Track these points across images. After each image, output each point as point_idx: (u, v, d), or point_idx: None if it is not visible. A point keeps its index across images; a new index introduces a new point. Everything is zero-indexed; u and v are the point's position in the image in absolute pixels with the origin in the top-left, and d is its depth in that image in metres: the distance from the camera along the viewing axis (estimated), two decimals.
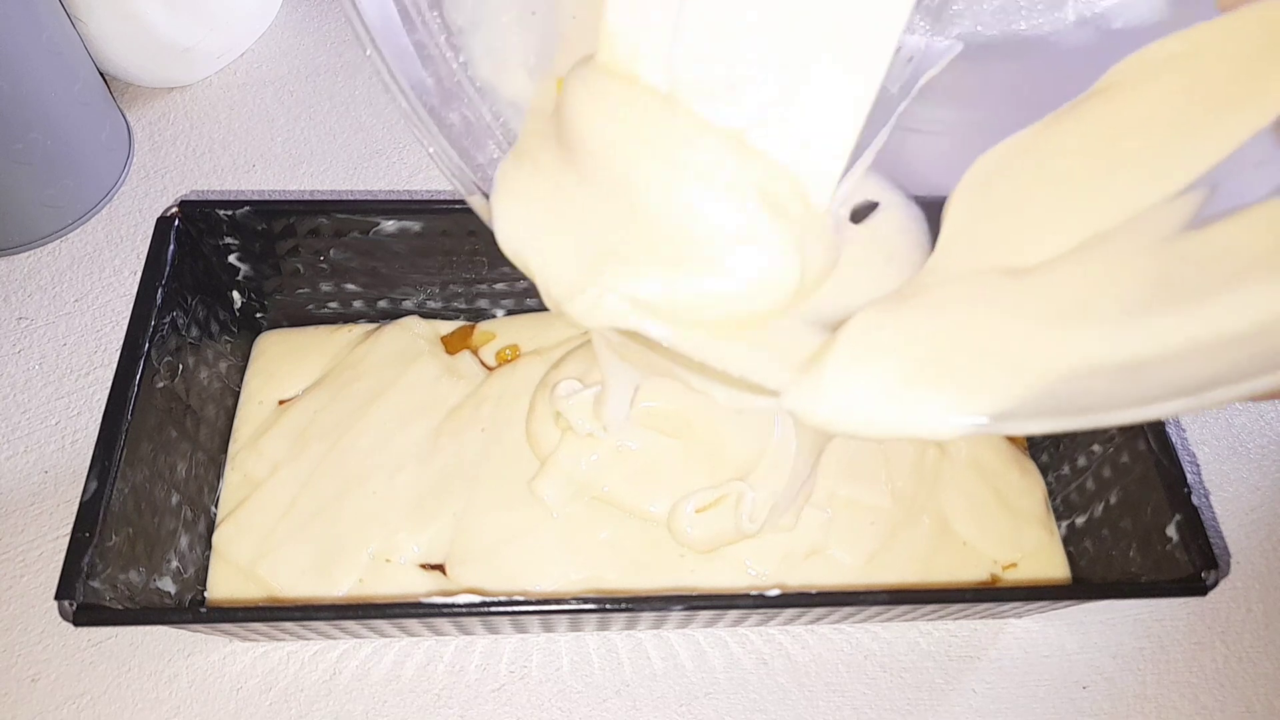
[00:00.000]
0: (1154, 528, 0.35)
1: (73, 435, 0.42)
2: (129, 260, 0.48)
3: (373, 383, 0.41)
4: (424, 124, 0.24)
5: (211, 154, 0.53)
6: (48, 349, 0.45)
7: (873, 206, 0.26)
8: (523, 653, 0.38)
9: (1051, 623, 0.40)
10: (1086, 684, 0.38)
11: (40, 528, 0.40)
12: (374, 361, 0.42)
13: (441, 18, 0.25)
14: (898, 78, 0.26)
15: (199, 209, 0.38)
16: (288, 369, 0.43)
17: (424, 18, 0.25)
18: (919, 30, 0.27)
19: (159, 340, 0.35)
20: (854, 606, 0.34)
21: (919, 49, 0.26)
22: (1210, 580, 0.32)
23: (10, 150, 0.44)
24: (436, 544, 0.38)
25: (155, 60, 0.53)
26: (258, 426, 0.41)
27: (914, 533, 0.39)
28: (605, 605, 0.31)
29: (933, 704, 0.38)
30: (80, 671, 0.37)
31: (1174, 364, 0.17)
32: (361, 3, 0.23)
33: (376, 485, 0.39)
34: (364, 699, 0.37)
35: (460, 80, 0.25)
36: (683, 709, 0.37)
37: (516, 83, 0.26)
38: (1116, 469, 0.37)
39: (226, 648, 0.37)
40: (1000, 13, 0.26)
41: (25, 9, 0.42)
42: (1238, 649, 0.40)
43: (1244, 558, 0.42)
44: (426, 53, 0.25)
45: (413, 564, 0.38)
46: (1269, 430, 0.46)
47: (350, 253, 0.41)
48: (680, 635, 0.39)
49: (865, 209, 0.26)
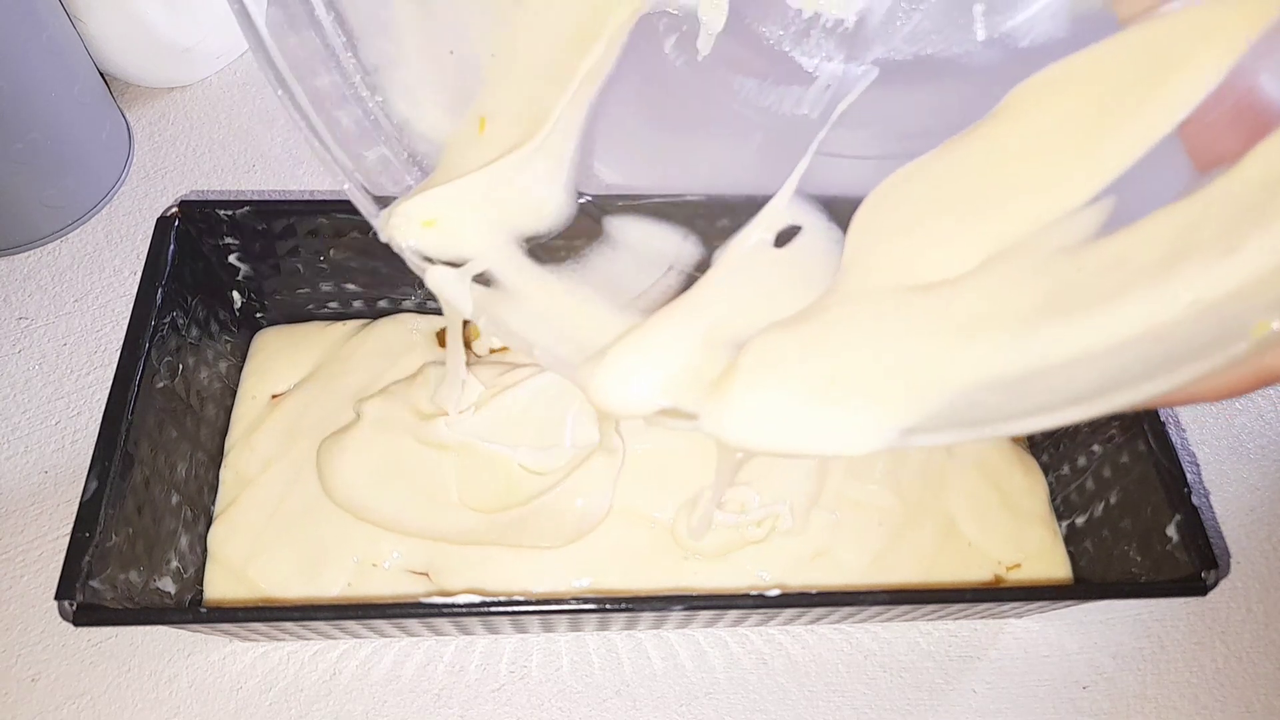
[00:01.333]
0: (1154, 528, 0.35)
1: (73, 435, 0.42)
2: (129, 260, 0.48)
3: (362, 376, 0.41)
4: (337, 163, 0.25)
5: (211, 154, 0.53)
6: (48, 349, 0.45)
7: (795, 230, 0.26)
8: (523, 653, 0.38)
9: (1051, 623, 0.40)
10: (1086, 684, 0.38)
11: (40, 528, 0.40)
12: (365, 355, 0.42)
13: (357, 58, 0.25)
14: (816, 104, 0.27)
15: (199, 209, 0.38)
16: (281, 364, 0.43)
17: (339, 58, 0.25)
18: (835, 58, 0.27)
19: (159, 340, 0.35)
20: (854, 606, 0.34)
21: (836, 76, 0.27)
22: (1210, 580, 0.32)
23: (10, 150, 0.44)
24: (417, 550, 0.37)
25: (155, 60, 0.53)
26: (250, 423, 0.41)
27: (920, 534, 0.39)
28: (605, 605, 0.31)
29: (933, 704, 0.38)
30: (80, 671, 0.37)
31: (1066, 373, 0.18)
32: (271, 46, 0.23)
33: None
34: (364, 699, 0.37)
35: (377, 118, 0.26)
36: (683, 709, 0.37)
37: (432, 119, 0.26)
38: (1116, 469, 0.37)
39: (226, 648, 0.37)
40: (912, 37, 0.26)
41: (25, 9, 0.42)
42: (1238, 649, 0.40)
43: (1244, 558, 0.42)
44: (342, 92, 0.25)
45: (399, 569, 0.37)
46: (1269, 430, 0.46)
47: (350, 253, 0.41)
48: (680, 635, 0.39)
49: (788, 233, 0.26)
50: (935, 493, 0.40)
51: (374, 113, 0.26)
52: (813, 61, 0.27)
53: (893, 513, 0.39)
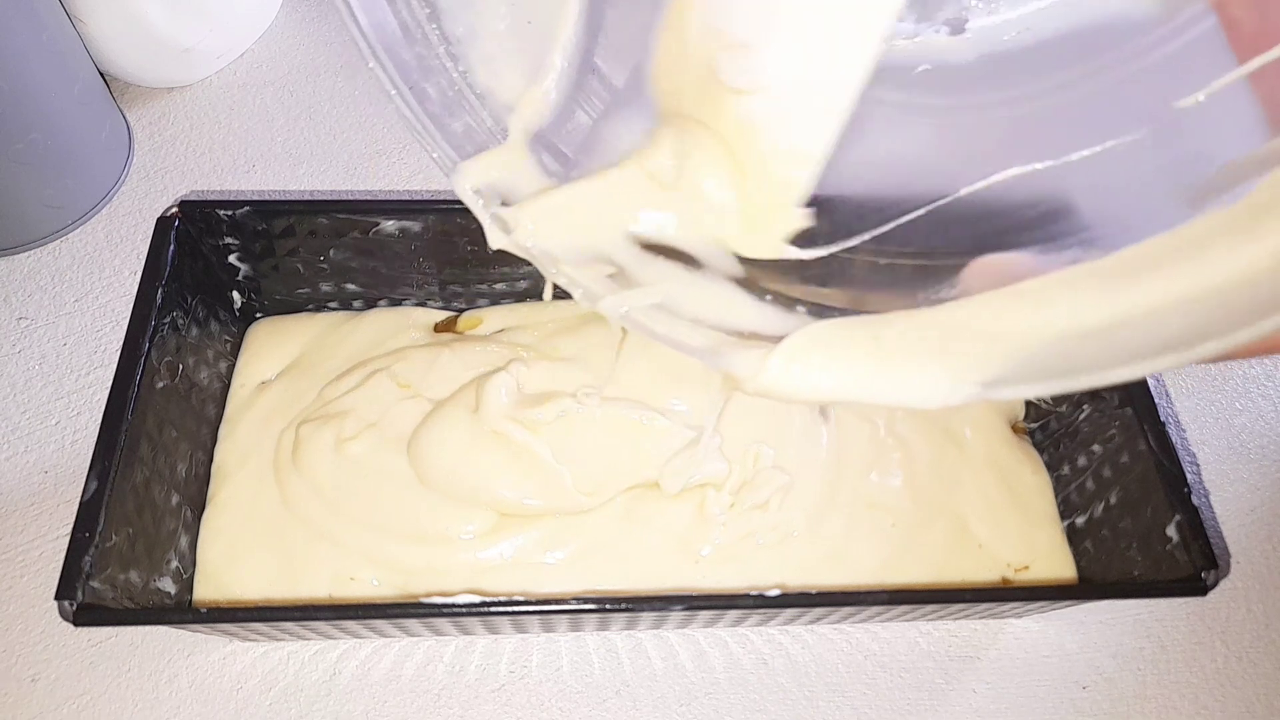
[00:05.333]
0: (1154, 528, 0.35)
1: (73, 435, 0.42)
2: (129, 260, 0.48)
3: (344, 362, 0.41)
4: (428, 131, 0.25)
5: (211, 154, 0.53)
6: (48, 349, 0.45)
7: None
8: (523, 653, 0.38)
9: (1051, 623, 0.40)
10: (1086, 684, 0.38)
11: (40, 528, 0.40)
12: (352, 342, 0.42)
13: (440, 29, 0.26)
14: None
15: (199, 209, 0.38)
16: (269, 352, 0.42)
17: (424, 30, 0.25)
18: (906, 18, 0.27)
19: (159, 340, 0.35)
20: (854, 606, 0.34)
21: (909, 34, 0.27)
22: (1210, 580, 0.32)
23: (10, 150, 0.44)
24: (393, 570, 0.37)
25: (155, 60, 0.52)
26: (235, 411, 0.40)
27: (931, 535, 0.39)
28: (605, 605, 0.31)
29: (933, 704, 0.38)
30: (80, 671, 0.37)
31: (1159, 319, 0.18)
32: (362, 19, 0.24)
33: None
34: (364, 699, 0.37)
35: (460, 88, 0.26)
36: (683, 709, 0.37)
37: (513, 88, 0.27)
38: (1116, 469, 0.37)
39: (226, 648, 0.37)
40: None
41: (25, 9, 0.42)
42: (1238, 649, 0.40)
43: (1244, 558, 0.42)
44: (427, 64, 0.26)
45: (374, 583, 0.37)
46: (1269, 430, 0.46)
47: (350, 253, 0.41)
48: (680, 635, 0.39)
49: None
50: (949, 490, 0.40)
51: (457, 83, 0.26)
52: None
53: (906, 514, 0.39)
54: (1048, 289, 0.19)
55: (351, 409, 0.39)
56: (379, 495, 0.37)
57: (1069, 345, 0.18)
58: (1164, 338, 0.17)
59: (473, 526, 0.37)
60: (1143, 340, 0.17)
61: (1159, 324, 0.17)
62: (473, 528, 0.37)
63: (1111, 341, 0.18)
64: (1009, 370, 0.19)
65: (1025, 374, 0.19)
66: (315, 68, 0.57)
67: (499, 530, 0.37)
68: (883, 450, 0.40)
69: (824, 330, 0.21)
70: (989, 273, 0.21)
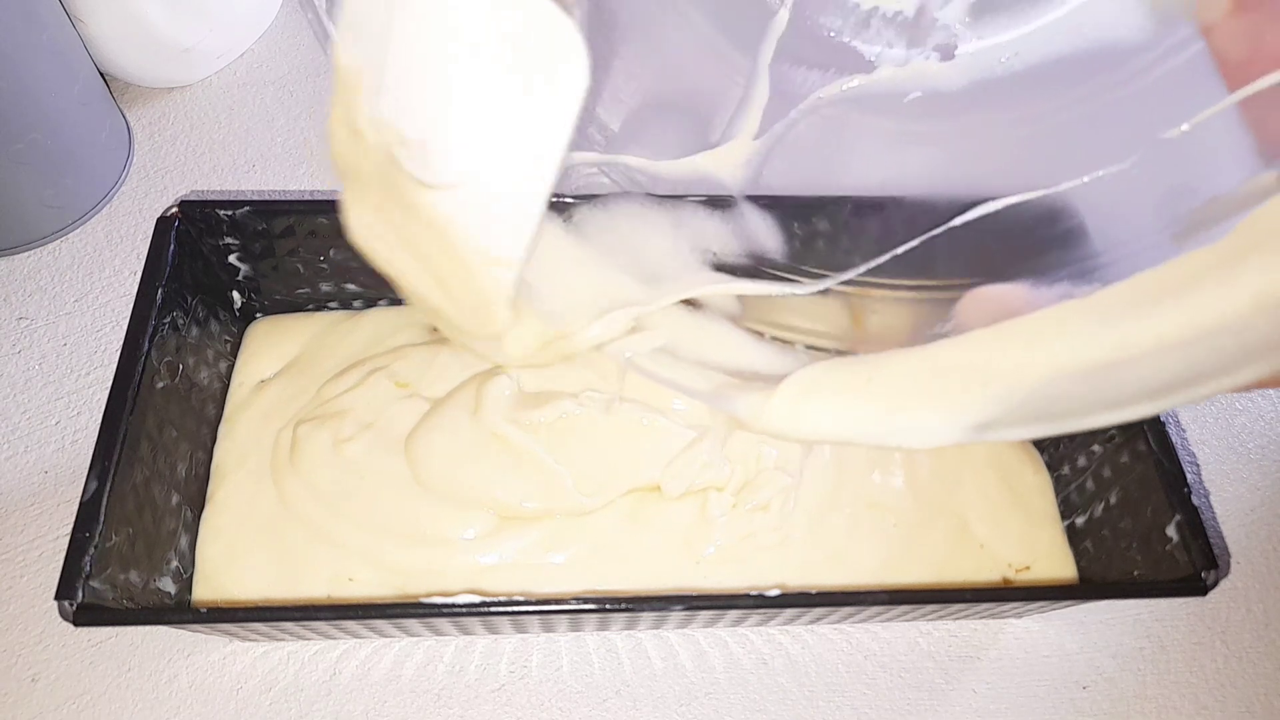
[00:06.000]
0: (1154, 528, 0.35)
1: (73, 435, 0.42)
2: (129, 260, 0.48)
3: (342, 361, 0.41)
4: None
5: (211, 154, 0.53)
6: (48, 349, 0.45)
7: None
8: (523, 653, 0.38)
9: (1051, 623, 0.40)
10: (1086, 684, 0.38)
11: (40, 528, 0.40)
12: (354, 343, 0.42)
13: None
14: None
15: (199, 209, 0.38)
16: (268, 351, 0.42)
17: None
18: (896, 45, 0.27)
19: (159, 340, 0.35)
20: (854, 606, 0.34)
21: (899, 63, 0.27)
22: (1210, 580, 0.32)
23: (10, 150, 0.44)
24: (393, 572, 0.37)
25: (155, 60, 0.52)
26: (234, 411, 0.40)
27: (932, 535, 0.39)
28: (605, 605, 0.31)
29: (933, 704, 0.38)
30: (80, 671, 0.37)
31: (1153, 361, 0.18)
32: None
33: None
34: (364, 699, 0.37)
35: None
36: (683, 709, 0.37)
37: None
38: (1116, 469, 0.37)
39: (226, 648, 0.37)
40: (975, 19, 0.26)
41: (25, 9, 0.42)
42: (1238, 649, 0.40)
43: (1244, 558, 0.42)
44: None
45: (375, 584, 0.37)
46: (1269, 430, 0.46)
47: (350, 253, 0.40)
48: (680, 635, 0.39)
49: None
50: (950, 490, 0.40)
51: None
52: (874, 49, 0.27)
53: (907, 514, 0.39)
54: (1037, 328, 0.19)
55: (349, 409, 0.39)
56: (377, 497, 0.37)
57: (1060, 387, 0.18)
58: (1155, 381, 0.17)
59: (473, 529, 0.37)
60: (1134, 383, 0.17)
61: (1149, 367, 0.17)
62: (473, 530, 0.37)
63: (1102, 384, 0.18)
64: (1001, 413, 0.19)
65: (1017, 416, 0.19)
66: (315, 68, 0.57)
67: (499, 532, 0.37)
68: (884, 450, 0.40)
69: (821, 373, 0.21)
70: (983, 306, 0.21)
